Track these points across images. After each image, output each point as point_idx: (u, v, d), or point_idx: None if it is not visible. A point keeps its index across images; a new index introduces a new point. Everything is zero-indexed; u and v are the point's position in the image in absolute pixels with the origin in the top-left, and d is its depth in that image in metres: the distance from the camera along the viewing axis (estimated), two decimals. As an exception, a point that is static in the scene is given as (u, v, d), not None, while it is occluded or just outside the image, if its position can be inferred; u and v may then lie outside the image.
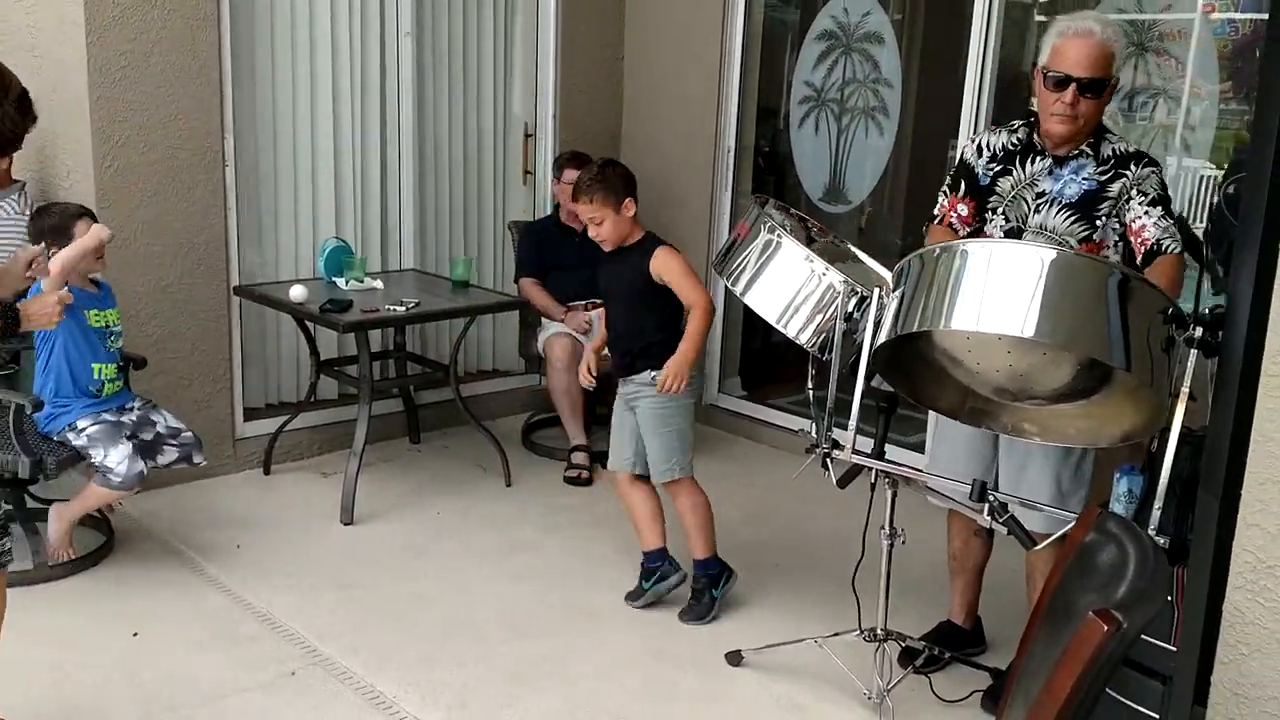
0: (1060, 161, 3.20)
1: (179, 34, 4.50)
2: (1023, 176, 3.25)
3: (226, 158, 4.76)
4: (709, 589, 3.91)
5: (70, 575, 3.97)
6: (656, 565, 3.95)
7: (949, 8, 5.72)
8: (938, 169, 5.36)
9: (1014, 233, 3.24)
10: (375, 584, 4.06)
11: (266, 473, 5.02)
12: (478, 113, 5.76)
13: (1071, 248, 3.10)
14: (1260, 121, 2.37)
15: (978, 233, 3.37)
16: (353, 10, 5.19)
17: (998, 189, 3.30)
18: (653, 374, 3.75)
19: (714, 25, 5.65)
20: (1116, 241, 3.17)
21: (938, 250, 2.80)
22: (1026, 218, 3.22)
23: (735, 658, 3.60)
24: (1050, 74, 3.08)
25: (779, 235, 3.16)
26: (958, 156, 3.54)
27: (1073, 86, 3.05)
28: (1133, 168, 3.14)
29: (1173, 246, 3.07)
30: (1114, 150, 3.18)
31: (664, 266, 3.73)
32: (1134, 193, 3.12)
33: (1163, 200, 3.13)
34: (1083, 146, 3.17)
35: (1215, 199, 4.57)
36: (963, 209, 3.38)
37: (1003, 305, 2.63)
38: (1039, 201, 3.21)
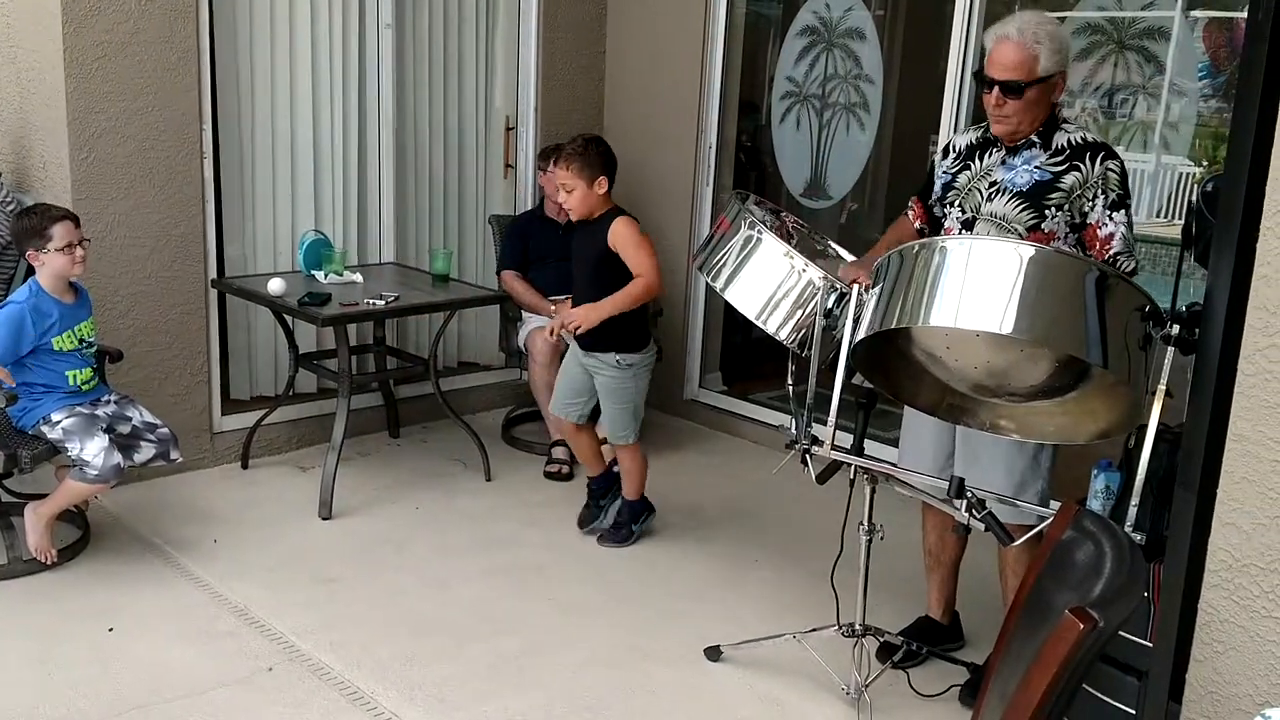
0: (1012, 151, 3.23)
1: (157, 25, 4.47)
2: (979, 169, 3.29)
3: (204, 150, 4.73)
4: (630, 523, 4.40)
5: (45, 570, 3.93)
6: (604, 485, 4.47)
7: (930, 4, 5.73)
8: (919, 165, 5.38)
9: (969, 223, 3.27)
10: (353, 579, 4.04)
11: (244, 467, 5.00)
12: (458, 105, 5.74)
13: (1020, 235, 3.13)
14: (1238, 120, 2.39)
15: (933, 229, 3.43)
16: (332, 1, 5.16)
17: (956, 184, 3.35)
18: (616, 356, 4.07)
19: (696, 20, 5.64)
20: (1068, 234, 3.15)
21: (916, 247, 2.80)
22: (980, 206, 3.25)
23: (714, 653, 3.60)
24: (978, 75, 3.20)
25: (759, 231, 3.16)
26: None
27: (996, 88, 3.11)
28: (1088, 161, 3.13)
29: (1127, 265, 3.08)
30: (1068, 140, 3.17)
31: (617, 235, 3.97)
32: (1096, 191, 3.11)
33: (1123, 202, 3.13)
34: (1031, 136, 3.19)
35: (1193, 197, 4.59)
36: (915, 207, 3.52)
37: (981, 302, 2.63)
38: (991, 190, 3.23)
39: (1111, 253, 3.09)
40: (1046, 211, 3.15)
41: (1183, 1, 4.52)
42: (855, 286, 2.94)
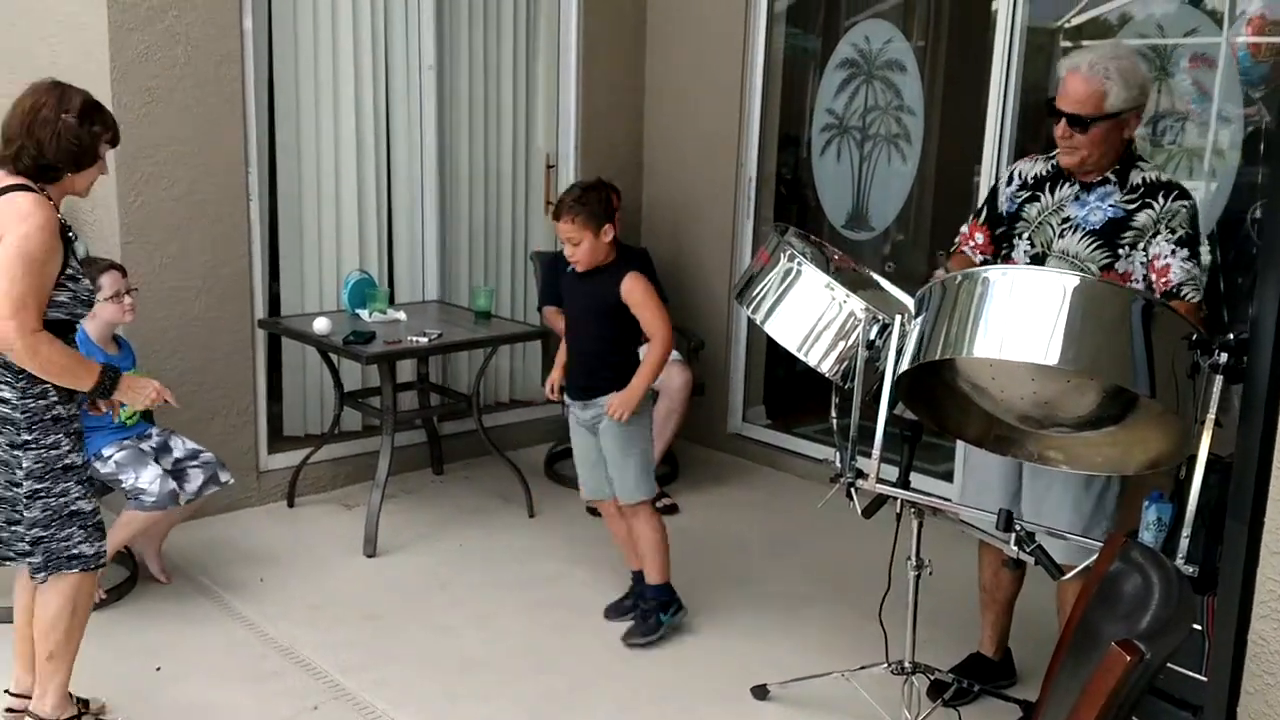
0: (1087, 188, 3.18)
1: (203, 70, 4.55)
2: (1050, 202, 3.24)
3: (250, 192, 4.79)
4: (658, 612, 3.94)
5: (94, 609, 3.95)
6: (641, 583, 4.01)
7: (971, 35, 5.72)
8: (961, 196, 5.34)
9: (1038, 258, 3.22)
10: (398, 617, 4.05)
11: (290, 505, 5.03)
12: (499, 144, 5.79)
13: (1094, 274, 3.07)
14: (1278, 144, 2.35)
15: (998, 259, 3.36)
16: (376, 44, 5.23)
17: (1024, 215, 3.29)
18: (615, 397, 3.80)
19: (734, 54, 5.67)
20: (1145, 275, 3.09)
21: (959, 277, 2.78)
22: (1051, 243, 3.20)
23: (761, 691, 3.56)
24: (1050, 106, 3.15)
25: (799, 263, 3.14)
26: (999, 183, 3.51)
27: (1063, 120, 3.08)
28: (1161, 199, 3.08)
29: (1192, 295, 3.02)
30: (1144, 179, 3.12)
31: (631, 291, 3.78)
32: (1161, 228, 3.06)
33: (1190, 240, 3.06)
34: (1108, 174, 3.15)
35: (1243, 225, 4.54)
36: (979, 236, 3.42)
37: (1025, 332, 2.61)
38: (1064, 226, 3.18)
39: (1174, 282, 3.01)
40: (1120, 250, 3.10)
41: (1229, 30, 4.47)
42: (898, 317, 2.91)
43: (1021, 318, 2.63)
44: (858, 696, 3.38)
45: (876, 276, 3.63)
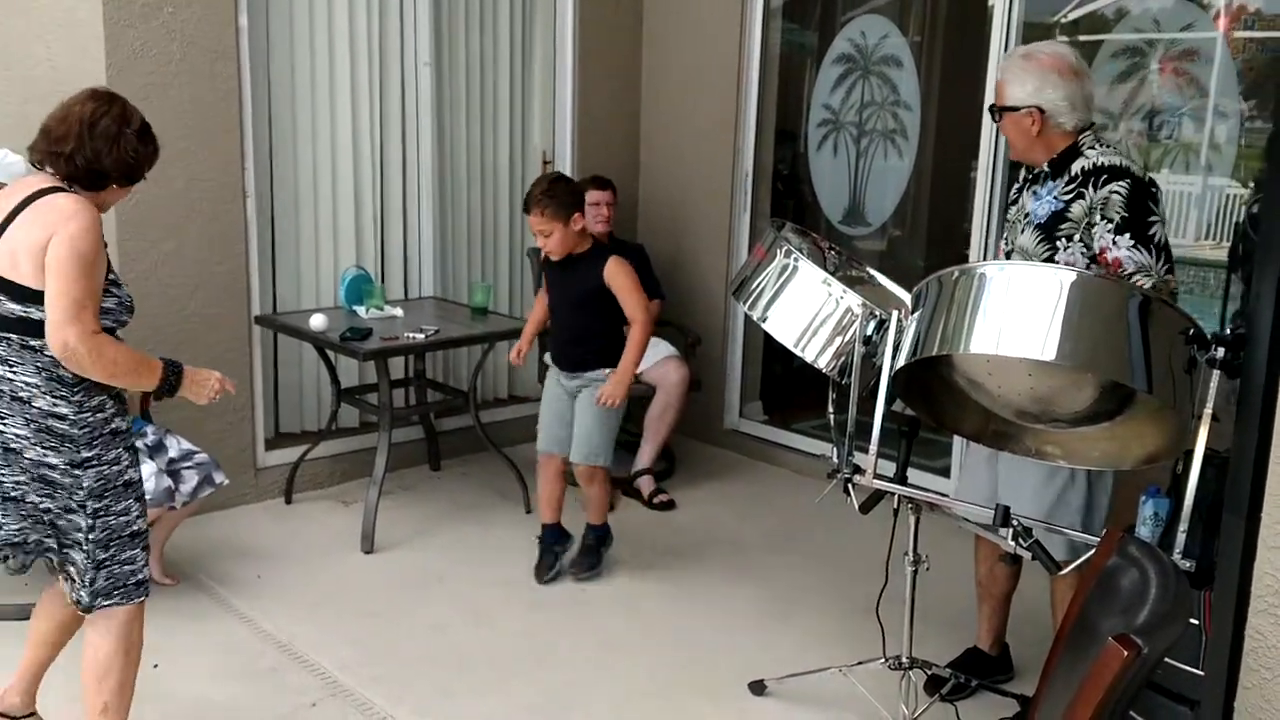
0: (1038, 179, 3.22)
1: (198, 67, 4.54)
2: (1021, 201, 3.29)
3: (247, 188, 4.78)
4: (599, 546, 4.38)
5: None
6: (558, 535, 4.41)
7: (967, 30, 5.72)
8: (958, 191, 5.35)
9: (1009, 254, 3.27)
10: (396, 613, 4.05)
11: (288, 502, 5.03)
12: (495, 141, 5.78)
13: None
14: (1278, 140, 2.35)
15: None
16: (372, 40, 5.23)
17: (1009, 216, 3.37)
18: (606, 371, 4.10)
19: (730, 50, 5.66)
20: (1088, 265, 3.04)
21: (956, 273, 2.78)
22: (1015, 239, 3.26)
23: (758, 687, 3.57)
24: None
25: (795, 259, 3.14)
26: None
27: None
28: (1091, 187, 3.05)
29: (1146, 282, 2.95)
30: (1081, 168, 3.11)
31: (614, 275, 4.05)
32: (1096, 217, 3.03)
33: (1128, 223, 2.98)
34: (1045, 166, 3.18)
35: (1239, 218, 4.54)
36: None
37: (1022, 328, 2.60)
38: (1024, 222, 3.22)
39: (1127, 274, 2.97)
40: (1058, 243, 3.10)
41: (1215, 23, 4.48)
42: (894, 313, 2.92)
43: (1018, 313, 2.62)
44: (855, 691, 3.38)
45: (872, 272, 3.64)
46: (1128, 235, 2.99)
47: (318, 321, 4.65)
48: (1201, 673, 2.61)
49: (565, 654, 3.81)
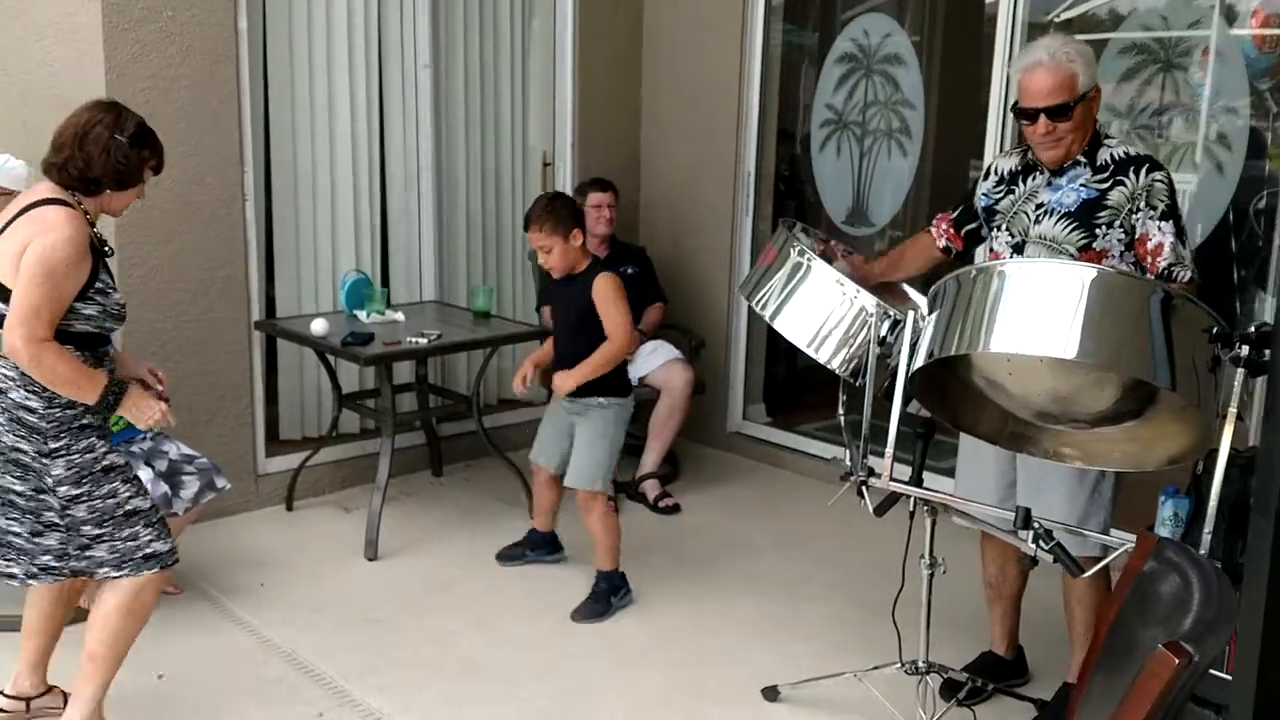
0: (1058, 172, 3.17)
1: (198, 69, 4.49)
2: (1022, 191, 3.24)
3: (246, 192, 4.73)
4: (609, 595, 4.12)
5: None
6: (544, 541, 4.49)
7: (970, 28, 5.69)
8: (962, 189, 5.30)
9: (1018, 247, 3.21)
10: (401, 621, 4.00)
11: (289, 509, 4.97)
12: (496, 143, 5.74)
13: (1072, 256, 3.07)
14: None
15: (967, 250, 3.50)
16: (370, 43, 5.18)
17: (999, 209, 3.30)
18: (601, 399, 4.04)
19: (732, 50, 5.62)
20: (1123, 252, 3.08)
21: (974, 271, 2.75)
22: (1028, 229, 3.19)
23: (772, 693, 3.52)
24: (1019, 110, 3.12)
25: (809, 259, 3.10)
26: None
27: (1042, 117, 3.05)
28: (1132, 175, 3.06)
29: (1183, 275, 2.98)
30: (1111, 156, 3.11)
31: (599, 291, 3.97)
32: (1140, 204, 3.04)
33: (1172, 212, 3.04)
34: (1076, 156, 3.13)
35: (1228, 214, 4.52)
36: (944, 225, 3.52)
37: (1044, 326, 2.58)
38: (1038, 212, 3.17)
39: (1164, 265, 2.99)
40: (1096, 230, 3.08)
41: (1221, 21, 4.44)
42: (910, 314, 2.87)
43: (1040, 311, 2.60)
44: (870, 697, 3.34)
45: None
46: (1172, 224, 3.02)
47: (319, 326, 4.60)
48: (1228, 676, 2.56)
49: (573, 661, 3.76)
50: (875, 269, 3.52)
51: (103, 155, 2.84)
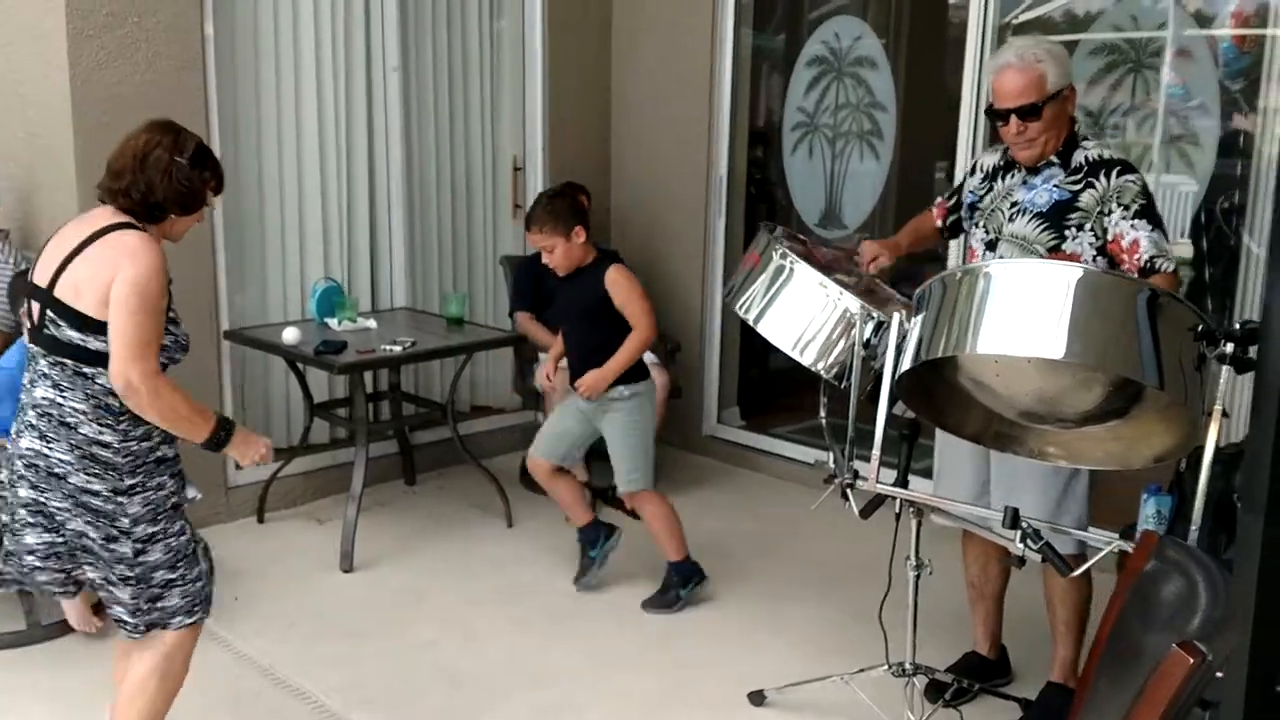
0: (1033, 171, 3.19)
1: (164, 75, 4.42)
2: (1000, 189, 3.27)
3: (213, 200, 4.65)
4: (678, 587, 4.11)
5: (65, 635, 3.82)
6: (594, 535, 4.27)
7: (941, 30, 5.71)
8: (934, 190, 5.32)
9: (991, 244, 3.24)
10: (379, 633, 3.94)
11: (260, 521, 4.90)
12: (466, 147, 5.69)
13: (1042, 256, 3.09)
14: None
15: (954, 234, 3.59)
16: (338, 46, 5.12)
17: (980, 205, 3.33)
18: (622, 388, 4.00)
19: (702, 54, 5.61)
20: (1095, 256, 3.08)
21: (959, 273, 2.74)
22: (1002, 227, 3.22)
23: (758, 697, 3.50)
24: (991, 111, 3.17)
25: (791, 261, 3.09)
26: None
27: (1013, 117, 3.08)
28: (1103, 178, 3.07)
29: (1166, 265, 3.00)
30: (1085, 158, 3.13)
31: (616, 284, 3.96)
32: (1111, 205, 3.05)
33: (1146, 212, 3.05)
34: (1050, 156, 3.15)
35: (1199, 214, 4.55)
36: (943, 208, 3.60)
37: (1030, 327, 2.57)
38: (1013, 210, 3.20)
39: (1145, 257, 3.00)
40: (1066, 232, 3.10)
41: (1193, 20, 4.47)
42: (896, 315, 2.86)
43: (1026, 312, 2.59)
44: (857, 700, 3.33)
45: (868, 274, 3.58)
46: (1146, 221, 3.03)
47: (290, 335, 4.53)
48: (1220, 674, 2.56)
49: (557, 670, 3.72)
50: (901, 240, 3.58)
51: (165, 179, 2.69)
